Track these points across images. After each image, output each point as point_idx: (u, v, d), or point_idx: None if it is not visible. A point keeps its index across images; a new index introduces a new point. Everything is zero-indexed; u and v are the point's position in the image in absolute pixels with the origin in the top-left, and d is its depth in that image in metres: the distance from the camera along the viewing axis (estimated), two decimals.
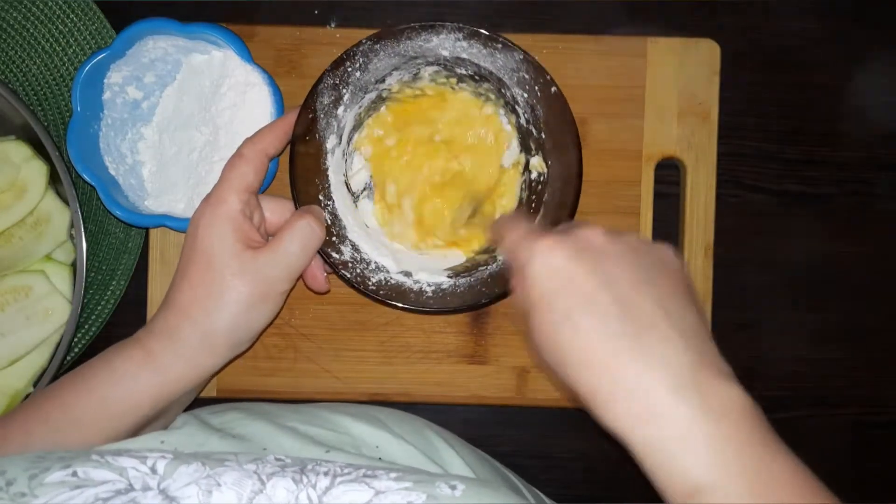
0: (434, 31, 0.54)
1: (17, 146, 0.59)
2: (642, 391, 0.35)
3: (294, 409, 0.52)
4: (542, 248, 0.38)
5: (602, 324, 0.36)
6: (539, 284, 0.38)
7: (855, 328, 0.65)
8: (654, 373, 0.35)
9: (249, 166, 0.49)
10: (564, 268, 0.38)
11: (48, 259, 0.59)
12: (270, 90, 0.56)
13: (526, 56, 0.54)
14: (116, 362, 0.47)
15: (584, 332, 0.36)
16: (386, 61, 0.54)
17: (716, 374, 0.36)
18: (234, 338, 0.48)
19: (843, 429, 0.65)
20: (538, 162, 0.55)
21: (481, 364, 0.60)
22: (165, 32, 0.55)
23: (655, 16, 0.63)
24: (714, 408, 0.35)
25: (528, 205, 0.56)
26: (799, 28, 0.64)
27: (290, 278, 0.49)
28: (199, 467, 0.36)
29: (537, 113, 0.55)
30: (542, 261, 0.38)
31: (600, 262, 0.38)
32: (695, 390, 0.35)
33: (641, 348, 0.36)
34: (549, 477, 0.64)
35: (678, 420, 0.34)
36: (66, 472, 0.34)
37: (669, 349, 0.36)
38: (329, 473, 0.37)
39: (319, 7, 0.62)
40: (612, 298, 0.37)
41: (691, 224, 0.61)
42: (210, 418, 0.49)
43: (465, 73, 0.55)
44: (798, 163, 0.64)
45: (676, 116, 0.60)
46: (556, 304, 0.37)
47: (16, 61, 0.61)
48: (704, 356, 0.37)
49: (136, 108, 0.58)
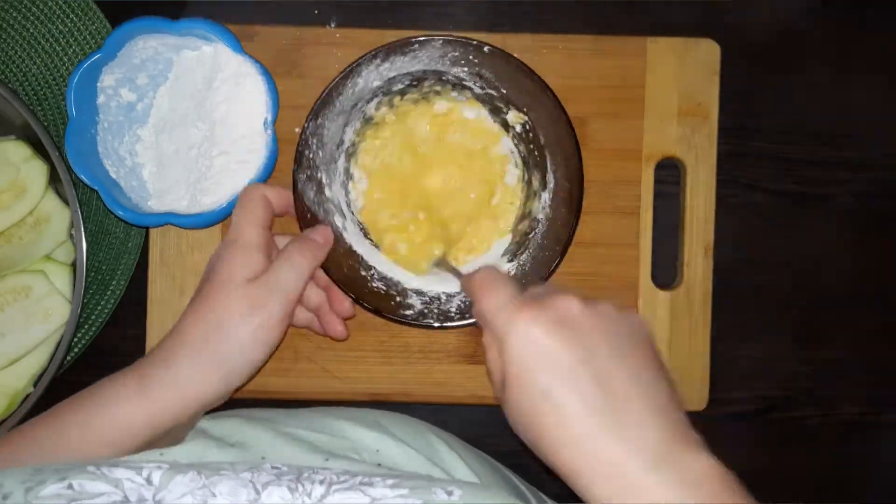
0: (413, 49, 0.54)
1: (16, 146, 0.59)
2: (621, 471, 0.36)
3: (294, 414, 0.52)
4: (522, 321, 0.38)
5: (581, 402, 0.37)
6: (518, 360, 0.38)
7: (854, 328, 0.65)
8: (632, 452, 0.36)
9: (258, 202, 0.51)
10: (543, 343, 0.37)
11: (48, 259, 0.59)
12: (264, 79, 0.56)
13: (526, 70, 0.54)
14: (110, 388, 0.47)
15: (563, 411, 0.37)
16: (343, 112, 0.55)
17: (688, 445, 0.37)
18: (228, 366, 0.48)
19: (843, 429, 0.65)
20: (539, 202, 0.56)
21: (481, 364, 0.60)
22: (155, 31, 0.55)
23: (655, 16, 0.63)
24: (690, 481, 0.36)
25: (519, 236, 0.57)
26: (798, 28, 0.64)
27: (286, 303, 0.49)
28: (194, 477, 0.36)
29: (537, 133, 0.55)
30: (522, 335, 0.38)
31: (578, 336, 0.38)
32: (670, 465, 0.36)
33: (618, 428, 0.36)
34: (550, 477, 0.64)
35: (657, 497, 0.35)
36: (62, 485, 0.34)
37: (645, 427, 0.37)
38: (325, 482, 0.37)
39: (319, 7, 0.62)
40: (590, 375, 0.37)
41: (691, 224, 0.61)
42: (210, 426, 0.49)
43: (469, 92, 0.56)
44: (798, 163, 0.64)
45: (676, 116, 0.60)
46: (534, 380, 0.37)
47: (16, 61, 0.61)
48: (677, 429, 0.37)
49: (131, 110, 0.58)
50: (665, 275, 0.62)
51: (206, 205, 0.56)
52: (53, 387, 0.57)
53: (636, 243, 0.60)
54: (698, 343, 0.60)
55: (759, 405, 0.65)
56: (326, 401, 0.60)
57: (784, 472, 0.66)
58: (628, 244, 0.60)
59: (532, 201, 0.57)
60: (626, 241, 0.60)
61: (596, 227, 0.60)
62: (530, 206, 0.57)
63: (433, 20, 0.63)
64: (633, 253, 0.60)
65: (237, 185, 0.55)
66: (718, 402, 0.62)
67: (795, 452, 0.66)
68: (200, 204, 0.56)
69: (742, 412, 0.65)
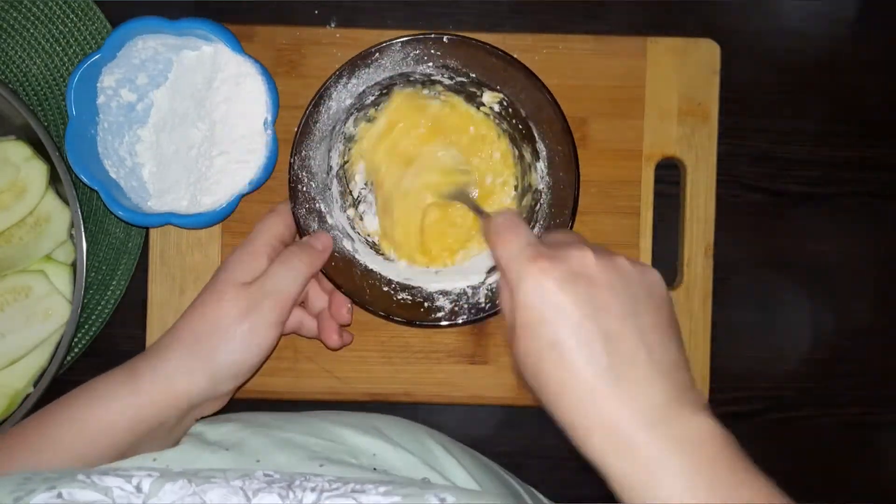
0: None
1: (17, 146, 0.59)
2: (618, 427, 0.36)
3: (291, 419, 0.52)
4: (535, 271, 0.38)
5: (585, 357, 0.37)
6: (528, 309, 0.38)
7: (855, 328, 0.65)
8: (630, 409, 0.36)
9: (280, 217, 0.53)
10: (555, 295, 0.37)
11: (48, 259, 0.59)
12: (264, 79, 0.56)
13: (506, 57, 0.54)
14: (99, 384, 0.47)
15: (568, 364, 0.37)
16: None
17: (689, 407, 0.37)
18: (216, 365, 0.48)
19: (843, 429, 0.65)
20: (536, 173, 0.56)
21: (481, 364, 0.60)
22: (154, 31, 0.55)
23: (655, 16, 0.63)
24: (686, 441, 0.36)
25: (523, 203, 0.57)
26: (799, 28, 0.64)
27: (279, 306, 0.49)
28: (184, 484, 0.36)
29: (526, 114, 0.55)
30: (533, 285, 0.38)
31: (591, 291, 0.38)
32: (667, 425, 0.36)
33: (620, 385, 0.36)
34: (549, 477, 0.64)
35: (651, 454, 0.35)
36: (51, 494, 0.34)
37: (646, 386, 0.37)
38: (316, 489, 0.37)
39: (319, 7, 0.62)
40: (598, 331, 0.37)
41: (691, 224, 0.61)
42: (206, 430, 0.49)
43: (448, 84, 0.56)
44: (798, 163, 0.64)
45: (676, 116, 0.60)
46: (543, 331, 0.37)
47: (16, 61, 0.61)
48: (680, 390, 0.37)
49: (131, 110, 0.58)
50: (665, 275, 0.61)
51: (206, 205, 0.56)
52: (53, 387, 0.57)
53: (636, 243, 0.60)
54: (698, 343, 0.60)
55: (759, 405, 0.65)
56: (327, 401, 0.60)
57: (784, 473, 0.66)
58: (628, 244, 0.60)
59: (530, 174, 0.56)
60: (627, 241, 0.60)
61: (596, 227, 0.60)
62: (529, 179, 0.57)
63: (433, 20, 0.63)
64: (633, 253, 0.60)
65: (237, 185, 0.56)
66: (718, 402, 0.62)
67: (795, 452, 0.66)
68: (200, 204, 0.56)
69: (742, 412, 0.65)
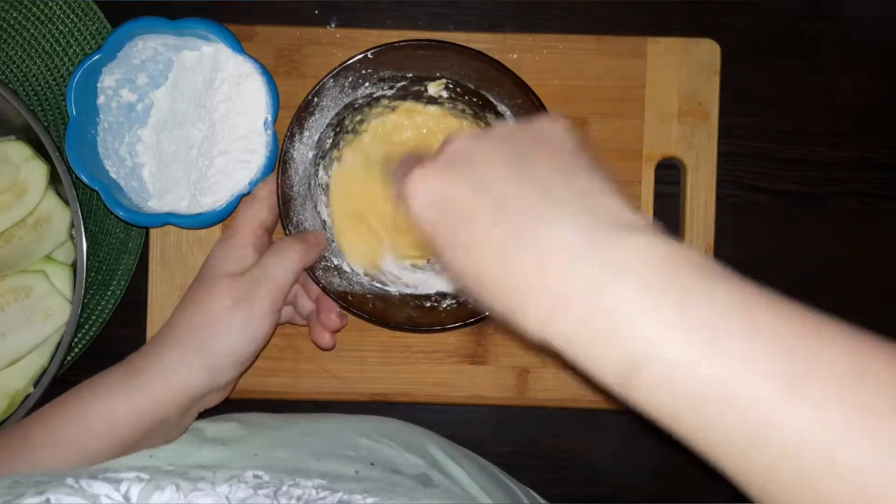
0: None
1: (17, 146, 0.59)
2: (542, 284, 0.31)
3: (291, 420, 0.52)
4: (415, 181, 0.35)
5: (485, 235, 0.33)
6: (424, 221, 0.35)
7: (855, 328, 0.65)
8: (545, 260, 0.31)
9: (261, 203, 0.53)
10: (437, 193, 0.34)
11: (48, 259, 0.59)
12: (264, 79, 0.56)
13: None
14: (99, 380, 0.47)
15: (474, 251, 0.33)
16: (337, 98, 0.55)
17: (617, 229, 0.31)
18: (213, 358, 0.48)
19: None
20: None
21: (481, 364, 0.60)
22: (154, 31, 0.55)
23: (655, 16, 0.63)
24: (621, 264, 0.29)
25: None
26: (799, 28, 0.64)
27: (272, 296, 0.49)
28: (173, 493, 0.35)
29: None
30: (417, 195, 0.35)
31: (470, 168, 0.34)
32: (592, 257, 0.30)
33: (527, 239, 0.31)
34: (550, 477, 0.64)
35: (583, 297, 0.29)
36: (40, 500, 0.33)
37: (554, 227, 0.31)
38: (302, 498, 0.37)
39: (319, 7, 0.62)
40: (488, 202, 0.33)
41: (691, 224, 0.61)
42: (205, 427, 0.50)
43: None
44: (798, 163, 0.64)
45: (676, 116, 0.60)
46: (443, 234, 0.34)
47: (16, 61, 0.61)
48: (599, 216, 0.31)
49: (131, 110, 0.58)
50: None
51: (206, 205, 0.56)
52: (53, 387, 0.57)
53: None
54: None
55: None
56: (327, 401, 0.60)
57: None
58: None
59: None
60: None
61: None
62: None
63: (433, 20, 0.63)
64: None
65: (237, 185, 0.56)
66: None
67: None
68: (200, 204, 0.56)
69: None
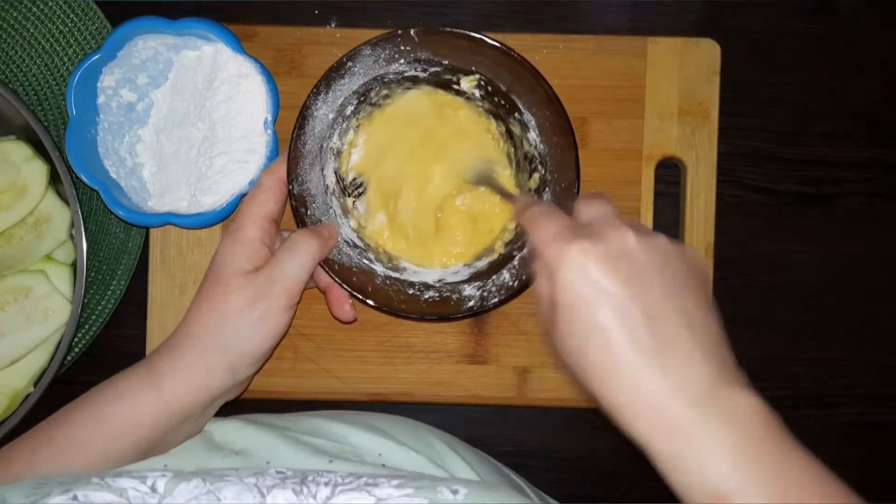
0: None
1: (17, 146, 0.59)
2: (663, 407, 0.36)
3: (295, 420, 0.52)
4: (576, 252, 0.38)
5: (629, 338, 0.37)
6: (570, 291, 0.38)
7: (855, 328, 0.65)
8: (675, 389, 0.36)
9: (267, 194, 0.52)
10: (597, 276, 0.37)
11: (48, 259, 0.59)
12: (264, 79, 0.56)
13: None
14: (121, 381, 0.47)
15: (612, 345, 0.37)
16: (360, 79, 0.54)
17: (733, 385, 0.37)
18: (232, 356, 0.48)
19: (843, 429, 0.65)
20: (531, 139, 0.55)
21: (481, 364, 0.60)
22: (155, 31, 0.55)
23: (655, 16, 0.63)
24: (731, 418, 0.36)
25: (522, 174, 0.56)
26: (799, 28, 0.64)
27: (288, 293, 0.49)
28: (199, 483, 0.36)
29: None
30: (575, 267, 0.38)
31: (632, 270, 0.37)
32: (713, 403, 0.36)
33: (664, 364, 0.36)
34: (550, 477, 0.64)
35: (696, 433, 0.35)
36: (67, 497, 0.34)
37: (691, 365, 0.37)
38: (330, 483, 0.37)
39: (319, 7, 0.62)
40: (641, 311, 0.37)
41: (691, 224, 0.61)
42: (212, 429, 0.50)
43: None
44: (798, 163, 0.64)
45: (676, 116, 0.60)
46: (586, 313, 0.37)
47: (16, 61, 0.61)
48: (723, 369, 0.38)
49: (131, 110, 0.58)
50: None
51: (206, 205, 0.56)
52: (53, 387, 0.57)
53: None
54: None
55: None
56: (327, 401, 0.60)
57: None
58: None
59: (523, 146, 0.56)
60: None
61: None
62: (524, 150, 0.56)
63: (432, 20, 0.63)
64: None
65: (237, 185, 0.56)
66: None
67: None
68: (200, 204, 0.56)
69: None
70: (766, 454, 0.35)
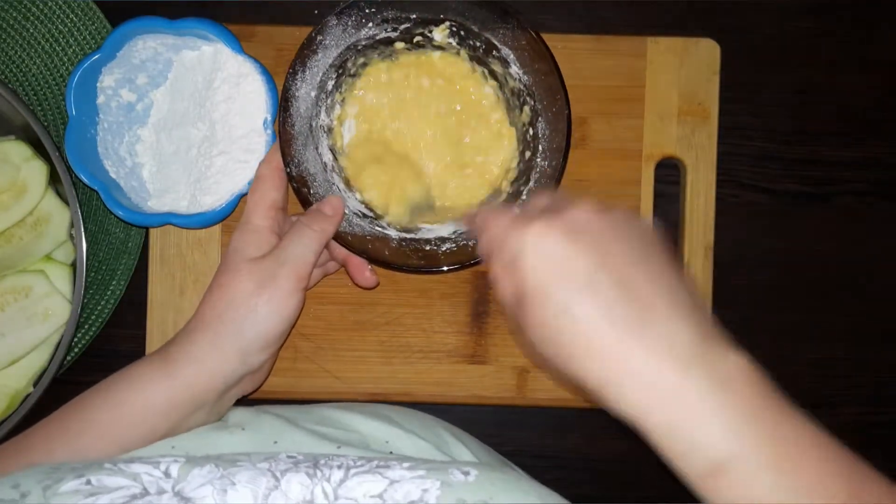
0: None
1: (17, 146, 0.59)
2: (651, 376, 0.35)
3: (303, 409, 0.52)
4: (534, 234, 0.37)
5: (603, 310, 0.35)
6: (533, 275, 0.36)
7: (855, 328, 0.65)
8: (659, 355, 0.35)
9: (267, 184, 0.52)
10: (559, 253, 0.36)
11: (48, 259, 0.59)
12: (264, 79, 0.56)
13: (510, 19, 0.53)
14: (136, 368, 0.48)
15: (586, 320, 0.35)
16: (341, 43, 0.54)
17: (718, 345, 0.36)
18: (243, 340, 0.48)
19: (843, 429, 0.65)
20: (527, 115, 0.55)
21: (481, 364, 0.60)
22: (154, 31, 0.55)
23: (655, 16, 0.63)
24: (722, 379, 0.35)
25: (523, 161, 0.56)
26: (798, 28, 0.64)
27: (296, 274, 0.49)
28: (212, 468, 0.36)
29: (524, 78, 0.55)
30: (534, 248, 0.36)
31: (595, 241, 0.36)
32: (701, 365, 0.35)
33: (644, 331, 0.35)
34: (550, 477, 0.64)
35: (691, 398, 0.34)
36: (80, 481, 0.34)
37: (671, 328, 0.35)
38: (342, 466, 0.37)
39: (319, 7, 0.62)
40: (610, 280, 0.35)
41: (691, 224, 0.61)
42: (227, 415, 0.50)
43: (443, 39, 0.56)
44: (798, 163, 0.64)
45: (676, 116, 0.60)
46: (553, 293, 0.36)
47: (16, 61, 0.61)
48: (705, 330, 0.36)
49: (130, 110, 0.58)
50: None
51: (206, 205, 0.56)
52: (53, 387, 0.57)
53: None
54: None
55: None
56: (327, 401, 0.60)
57: None
58: None
59: (508, 82, 0.56)
60: None
61: None
62: (511, 86, 0.56)
63: None
64: None
65: (237, 185, 0.56)
66: None
67: None
68: (200, 204, 0.56)
69: None
70: (760, 414, 0.34)
